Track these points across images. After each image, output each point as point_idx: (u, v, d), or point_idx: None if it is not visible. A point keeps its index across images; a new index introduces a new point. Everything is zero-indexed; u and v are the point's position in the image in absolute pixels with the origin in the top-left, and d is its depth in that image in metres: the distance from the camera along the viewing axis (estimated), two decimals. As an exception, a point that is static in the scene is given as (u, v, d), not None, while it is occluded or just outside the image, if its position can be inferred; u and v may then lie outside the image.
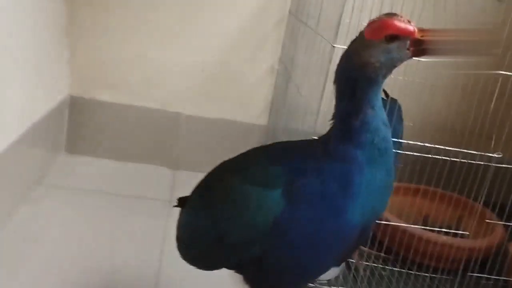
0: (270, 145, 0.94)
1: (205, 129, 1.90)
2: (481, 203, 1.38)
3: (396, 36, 0.70)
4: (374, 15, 1.07)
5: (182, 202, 1.03)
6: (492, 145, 1.22)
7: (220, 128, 1.91)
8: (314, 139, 0.86)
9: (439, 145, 1.25)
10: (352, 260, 1.45)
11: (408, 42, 0.71)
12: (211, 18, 1.81)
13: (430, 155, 1.24)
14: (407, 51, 0.72)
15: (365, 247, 1.50)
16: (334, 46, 1.09)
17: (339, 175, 0.75)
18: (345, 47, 0.91)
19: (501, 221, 1.49)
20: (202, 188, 0.96)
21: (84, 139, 1.86)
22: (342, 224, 0.76)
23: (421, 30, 0.72)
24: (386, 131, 0.76)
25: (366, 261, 1.46)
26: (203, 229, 0.89)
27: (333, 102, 0.78)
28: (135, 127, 1.87)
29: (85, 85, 1.83)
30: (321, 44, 1.21)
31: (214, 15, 1.81)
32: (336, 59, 1.06)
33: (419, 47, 0.71)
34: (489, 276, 1.39)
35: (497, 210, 1.46)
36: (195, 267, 0.95)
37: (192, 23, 1.80)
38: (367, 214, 0.78)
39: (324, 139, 0.80)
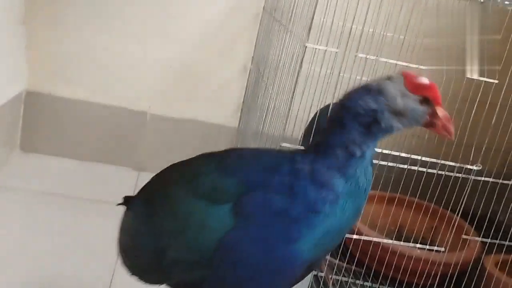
0: (225, 151, 0.83)
1: (172, 130, 1.80)
2: (459, 215, 1.31)
3: (429, 100, 0.71)
4: (349, 13, 0.99)
5: (127, 201, 0.92)
6: (471, 157, 1.15)
7: (188, 129, 1.81)
8: (283, 151, 0.77)
9: (416, 153, 1.18)
10: (321, 274, 1.37)
11: (431, 110, 0.72)
12: (182, 11, 1.72)
13: (406, 166, 1.17)
14: (424, 118, 0.72)
15: (335, 258, 1.43)
16: (306, 46, 1.00)
17: (311, 198, 0.69)
18: (318, 46, 0.83)
19: (479, 232, 1.43)
20: (147, 192, 0.86)
21: (40, 136, 1.74)
22: (292, 254, 0.69)
23: None
24: (371, 171, 0.74)
25: (336, 274, 1.38)
26: (143, 239, 0.80)
27: (306, 108, 0.70)
28: (97, 125, 1.76)
29: (43, 79, 1.71)
30: (293, 43, 1.13)
31: (185, 8, 1.71)
32: (307, 59, 0.98)
33: (432, 119, 0.72)
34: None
35: (475, 221, 1.40)
36: (136, 279, 0.85)
37: (160, 16, 1.71)
38: (319, 249, 0.72)
39: (301, 156, 0.72)
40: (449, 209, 1.42)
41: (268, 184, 0.70)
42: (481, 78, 1.10)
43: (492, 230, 1.37)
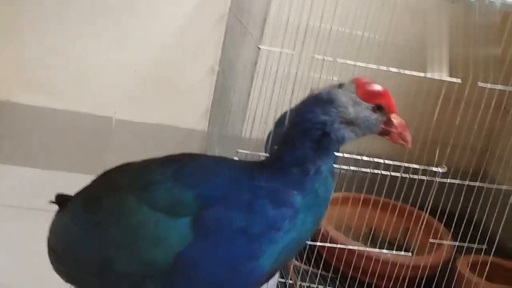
0: (181, 157, 0.79)
1: (139, 135, 1.76)
2: (426, 217, 1.29)
3: (382, 108, 0.69)
4: (304, 14, 0.95)
5: (61, 200, 0.86)
6: (436, 158, 1.12)
7: (156, 134, 1.77)
8: (242, 163, 0.75)
9: (379, 155, 1.14)
10: (290, 281, 1.34)
11: (385, 118, 0.70)
12: (146, 14, 1.67)
13: (368, 170, 1.13)
14: (378, 126, 0.70)
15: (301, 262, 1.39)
16: (259, 48, 0.96)
17: (270, 216, 0.67)
18: (272, 48, 0.79)
19: (454, 232, 1.41)
20: (90, 194, 0.80)
21: (1, 145, 1.68)
22: (253, 270, 0.68)
23: None
24: (332, 181, 0.73)
25: (303, 280, 1.35)
26: (84, 246, 0.75)
27: (264, 111, 0.66)
28: (61, 132, 1.71)
29: (3, 86, 1.65)
30: (250, 45, 1.09)
31: (150, 10, 1.67)
32: (261, 61, 0.94)
33: (387, 127, 0.71)
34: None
35: (444, 219, 1.37)
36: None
37: (124, 19, 1.66)
38: (279, 261, 0.70)
39: (258, 172, 0.70)
40: (418, 207, 1.39)
41: (227, 200, 0.68)
42: (444, 78, 1.07)
43: (462, 229, 1.35)
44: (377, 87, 0.69)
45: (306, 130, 0.67)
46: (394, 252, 1.24)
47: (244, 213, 0.67)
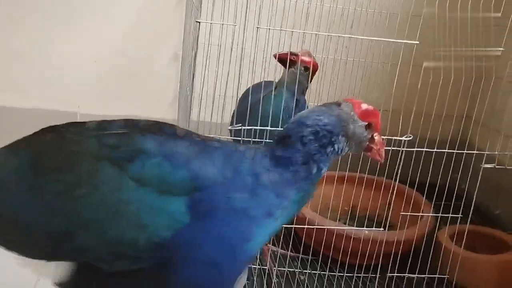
0: (160, 130, 0.71)
1: (107, 129, 1.71)
2: (396, 187, 1.25)
3: (371, 126, 0.76)
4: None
5: None
6: (400, 127, 1.06)
7: (124, 126, 1.71)
8: (236, 149, 0.73)
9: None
10: (264, 267, 1.29)
11: (370, 136, 0.77)
12: (102, 3, 1.61)
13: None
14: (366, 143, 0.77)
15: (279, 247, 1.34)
16: (198, 22, 0.90)
17: (269, 204, 0.70)
18: (212, 21, 0.74)
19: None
20: (43, 157, 0.69)
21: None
22: (246, 251, 0.69)
23: None
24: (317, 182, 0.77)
25: (281, 264, 1.30)
26: (35, 215, 0.66)
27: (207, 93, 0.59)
28: (25, 131, 1.64)
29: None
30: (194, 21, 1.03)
31: (108, 1, 1.62)
32: (204, 37, 0.88)
33: (370, 144, 0.78)
34: (420, 276, 1.25)
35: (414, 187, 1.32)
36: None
37: (80, 10, 1.61)
38: (260, 246, 0.73)
39: (260, 158, 0.72)
40: (384, 178, 1.34)
41: (228, 182, 0.68)
42: (401, 40, 1.01)
43: (435, 200, 1.30)
44: (371, 107, 0.75)
45: (316, 133, 0.72)
46: (365, 228, 1.19)
47: (246, 195, 0.68)
